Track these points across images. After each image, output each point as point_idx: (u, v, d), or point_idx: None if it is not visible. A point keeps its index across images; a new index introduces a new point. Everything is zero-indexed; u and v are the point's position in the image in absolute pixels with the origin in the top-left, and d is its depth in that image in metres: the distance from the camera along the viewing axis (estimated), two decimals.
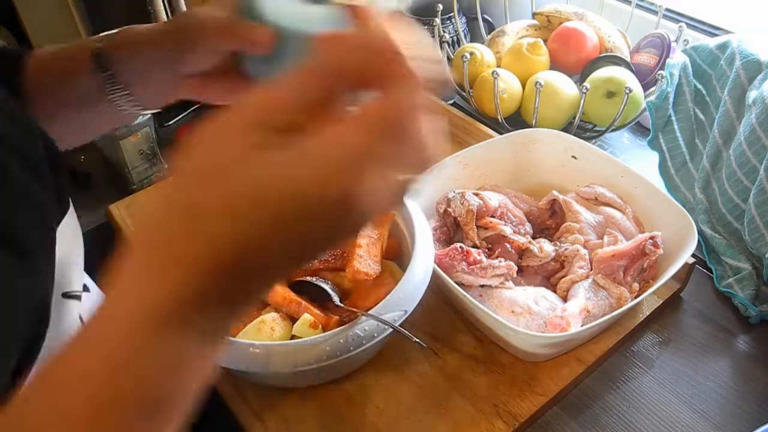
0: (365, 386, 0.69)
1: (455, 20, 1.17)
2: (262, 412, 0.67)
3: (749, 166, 0.78)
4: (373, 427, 0.65)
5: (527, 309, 0.68)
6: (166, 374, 0.28)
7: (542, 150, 0.87)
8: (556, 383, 0.68)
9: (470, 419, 0.65)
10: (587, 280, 0.72)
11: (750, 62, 0.82)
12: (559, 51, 1.04)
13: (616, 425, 0.66)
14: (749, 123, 0.77)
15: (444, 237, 0.78)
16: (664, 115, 0.89)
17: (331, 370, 0.67)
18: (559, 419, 0.67)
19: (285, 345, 0.60)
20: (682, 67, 0.88)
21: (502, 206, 0.78)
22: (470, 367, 0.70)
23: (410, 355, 0.71)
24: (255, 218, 0.27)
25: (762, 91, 0.77)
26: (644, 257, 0.71)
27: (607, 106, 0.93)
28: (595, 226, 0.78)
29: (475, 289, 0.72)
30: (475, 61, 1.02)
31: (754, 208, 0.76)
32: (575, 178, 0.86)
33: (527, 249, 0.75)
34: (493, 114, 0.99)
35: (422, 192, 0.80)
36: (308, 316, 0.64)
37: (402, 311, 0.62)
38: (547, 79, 0.95)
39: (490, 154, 0.87)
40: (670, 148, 0.91)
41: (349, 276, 0.67)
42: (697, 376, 0.70)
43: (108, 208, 0.93)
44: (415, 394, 0.68)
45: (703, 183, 0.85)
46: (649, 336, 0.75)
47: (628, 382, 0.70)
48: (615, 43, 1.03)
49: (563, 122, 0.98)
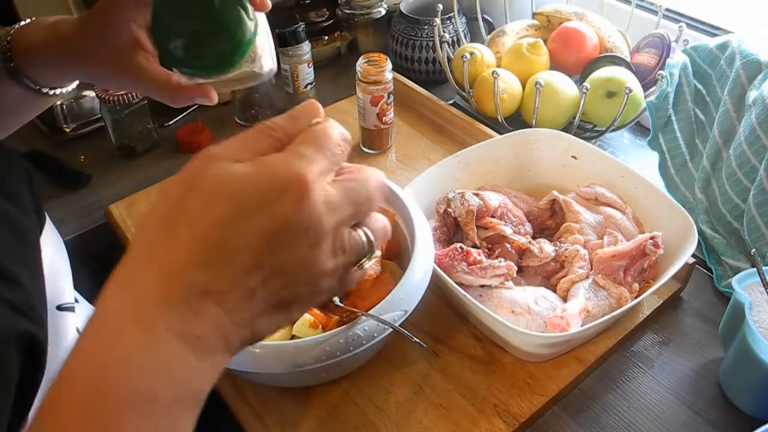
0: (365, 386, 0.69)
1: (455, 20, 1.17)
2: (262, 412, 0.67)
3: (749, 166, 0.78)
4: (373, 427, 0.65)
5: (527, 309, 0.68)
6: (145, 374, 0.30)
7: (542, 150, 0.87)
8: (556, 383, 0.68)
9: (470, 419, 0.65)
10: (587, 281, 0.72)
11: (750, 62, 0.82)
12: (559, 51, 1.04)
13: (616, 425, 0.66)
14: (749, 123, 0.77)
15: (444, 237, 0.78)
16: (664, 115, 0.89)
17: (330, 370, 0.67)
18: (559, 419, 0.67)
19: (285, 345, 0.60)
20: (682, 67, 0.88)
21: (502, 206, 0.78)
22: (470, 367, 0.70)
23: (410, 355, 0.71)
24: (216, 215, 0.32)
25: (762, 91, 0.77)
26: (644, 257, 0.71)
27: (607, 106, 0.93)
28: (595, 227, 0.78)
29: (475, 289, 0.72)
30: (475, 61, 1.02)
31: (754, 208, 0.76)
32: (575, 178, 0.86)
33: (527, 249, 0.75)
34: (493, 114, 0.99)
35: (421, 192, 0.80)
36: (308, 315, 0.64)
37: (402, 311, 0.62)
38: (547, 79, 0.95)
39: (490, 154, 0.87)
40: (670, 148, 0.91)
41: None
42: (697, 376, 0.70)
43: (108, 208, 0.93)
44: (415, 394, 0.68)
45: (703, 183, 0.85)
46: (649, 336, 0.75)
47: (628, 382, 0.70)
48: (615, 43, 1.03)
49: (563, 122, 0.98)
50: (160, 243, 0.32)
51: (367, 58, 0.96)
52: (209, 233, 0.32)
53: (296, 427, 0.66)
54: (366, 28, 1.21)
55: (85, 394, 0.29)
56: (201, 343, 0.32)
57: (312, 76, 1.10)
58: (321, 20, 1.24)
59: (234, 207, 0.32)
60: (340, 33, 1.26)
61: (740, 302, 0.63)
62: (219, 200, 0.32)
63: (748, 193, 0.78)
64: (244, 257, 0.32)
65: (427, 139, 1.05)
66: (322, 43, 1.24)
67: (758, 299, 0.64)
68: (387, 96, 0.97)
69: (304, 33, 1.05)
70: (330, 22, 1.24)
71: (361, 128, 1.01)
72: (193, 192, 0.33)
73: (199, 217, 0.32)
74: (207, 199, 0.32)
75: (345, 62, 1.28)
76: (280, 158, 0.34)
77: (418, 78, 1.19)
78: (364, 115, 0.98)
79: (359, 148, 1.03)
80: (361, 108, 0.98)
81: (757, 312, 0.64)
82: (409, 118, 1.09)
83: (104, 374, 0.29)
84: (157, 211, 0.33)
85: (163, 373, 0.30)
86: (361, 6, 1.18)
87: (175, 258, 0.31)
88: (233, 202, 0.32)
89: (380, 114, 0.98)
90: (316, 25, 1.22)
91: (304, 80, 1.09)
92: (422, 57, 1.18)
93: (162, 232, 0.32)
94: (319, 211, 0.33)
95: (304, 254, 0.34)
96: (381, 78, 0.95)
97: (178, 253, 0.32)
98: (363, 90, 0.96)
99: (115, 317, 0.31)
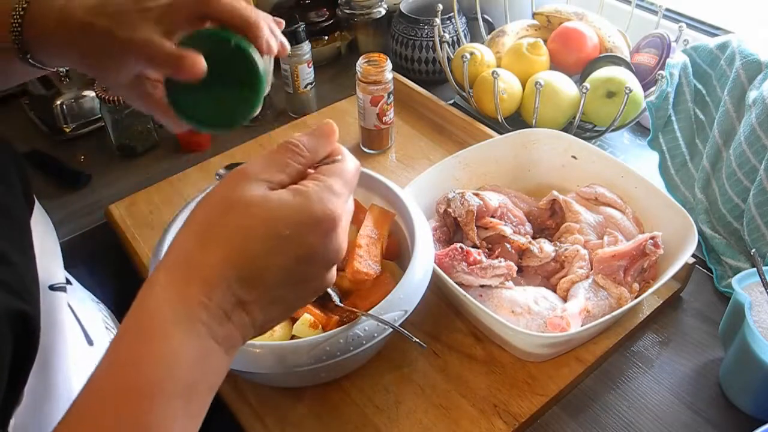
0: (365, 386, 0.69)
1: (455, 20, 1.17)
2: (262, 412, 0.67)
3: (749, 166, 0.78)
4: (373, 427, 0.65)
5: (527, 309, 0.68)
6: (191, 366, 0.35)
7: (542, 150, 0.87)
8: (556, 383, 0.68)
9: (470, 419, 0.65)
10: (587, 280, 0.72)
11: (750, 62, 0.82)
12: (559, 51, 1.04)
13: (616, 425, 0.66)
14: (749, 123, 0.77)
15: (444, 237, 0.78)
16: (664, 115, 0.89)
17: (331, 370, 0.67)
18: (559, 419, 0.67)
19: (285, 345, 0.60)
20: (682, 67, 0.88)
21: (502, 206, 0.78)
22: (470, 367, 0.70)
23: (410, 355, 0.71)
24: (253, 237, 0.37)
25: (762, 91, 0.77)
26: (644, 257, 0.71)
27: (607, 106, 0.93)
28: (595, 227, 0.78)
29: (475, 289, 0.72)
30: (475, 61, 1.02)
31: (754, 208, 0.76)
32: (575, 178, 0.86)
33: (527, 249, 0.75)
34: (493, 114, 0.99)
35: (421, 192, 0.80)
36: (308, 316, 0.64)
37: (402, 311, 0.62)
38: (547, 79, 0.95)
39: (490, 154, 0.87)
40: (670, 148, 0.91)
41: (349, 276, 0.67)
42: (697, 376, 0.70)
43: (108, 208, 0.93)
44: (414, 394, 0.68)
45: (703, 183, 0.85)
46: (649, 336, 0.75)
47: (628, 382, 0.70)
48: (615, 43, 1.03)
49: (563, 122, 0.98)
50: (200, 255, 0.37)
51: (367, 58, 0.96)
52: (246, 252, 0.37)
53: (296, 427, 0.66)
54: (366, 28, 1.21)
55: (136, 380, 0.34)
56: (229, 342, 0.37)
57: (312, 76, 1.10)
58: (321, 20, 1.24)
59: (270, 232, 0.37)
60: (340, 33, 1.26)
61: (740, 302, 0.63)
62: (257, 224, 0.37)
63: (748, 193, 0.78)
64: (274, 275, 0.38)
65: (427, 139, 1.05)
66: (322, 43, 1.24)
67: (758, 299, 0.64)
68: (387, 96, 0.97)
69: (304, 33, 1.05)
70: (330, 22, 1.24)
71: (361, 128, 1.01)
72: (234, 212, 0.37)
73: (238, 235, 0.37)
74: (246, 221, 0.37)
75: (345, 62, 1.28)
76: (316, 193, 0.38)
77: (418, 78, 1.19)
78: (364, 115, 0.98)
79: (359, 148, 1.03)
80: (361, 108, 0.98)
81: (757, 312, 0.64)
82: (409, 118, 1.09)
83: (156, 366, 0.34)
84: (198, 225, 0.38)
85: (201, 365, 0.36)
86: (361, 6, 1.18)
87: (214, 271, 0.36)
88: (270, 228, 0.37)
89: (380, 114, 0.98)
90: (316, 25, 1.22)
91: (304, 80, 1.09)
92: (422, 57, 1.18)
93: (202, 246, 0.37)
94: (341, 238, 0.40)
95: (321, 272, 0.40)
96: (381, 78, 0.95)
97: (217, 266, 0.36)
98: (363, 90, 0.96)
99: (160, 317, 0.35)
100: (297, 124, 1.09)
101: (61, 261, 0.60)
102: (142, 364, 0.34)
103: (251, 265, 0.37)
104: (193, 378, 0.36)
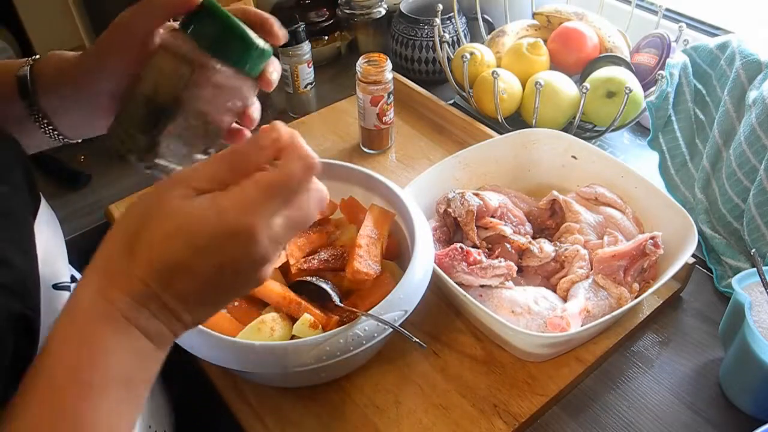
0: (365, 386, 0.69)
1: (455, 20, 1.17)
2: (262, 412, 0.67)
3: (749, 166, 0.78)
4: (373, 427, 0.65)
5: (527, 309, 0.69)
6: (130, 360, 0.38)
7: (542, 150, 0.87)
8: (556, 383, 0.68)
9: (470, 419, 0.65)
10: (587, 280, 0.72)
11: (750, 62, 0.82)
12: (559, 51, 1.04)
13: (616, 425, 0.66)
14: (749, 123, 0.77)
15: (444, 237, 0.78)
16: (664, 115, 0.89)
17: (331, 370, 0.67)
18: (559, 419, 0.67)
19: (285, 345, 0.60)
20: (682, 67, 0.88)
21: (502, 206, 0.78)
22: (470, 367, 0.70)
23: (410, 355, 0.71)
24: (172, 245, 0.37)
25: (762, 91, 0.77)
26: (644, 257, 0.71)
27: (607, 106, 0.93)
28: (595, 227, 0.78)
29: (475, 289, 0.72)
30: (475, 61, 1.02)
31: (754, 208, 0.76)
32: (575, 178, 0.86)
33: (527, 249, 0.75)
34: (493, 114, 0.99)
35: (421, 192, 0.80)
36: (308, 316, 0.64)
37: (402, 311, 0.62)
38: (547, 79, 0.95)
39: (490, 154, 0.87)
40: (670, 148, 0.91)
41: (349, 276, 0.67)
42: (697, 376, 0.70)
43: (108, 208, 0.93)
44: (414, 394, 0.68)
45: (703, 183, 0.85)
46: (649, 336, 0.75)
47: (628, 382, 0.70)
48: (615, 43, 1.03)
49: (563, 122, 0.98)
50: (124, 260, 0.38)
51: (367, 58, 0.96)
52: (168, 258, 0.37)
53: (296, 427, 0.66)
54: (366, 28, 1.21)
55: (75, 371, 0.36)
56: (160, 338, 0.40)
57: (312, 76, 1.10)
58: (321, 20, 1.24)
59: (188, 242, 0.37)
60: (340, 33, 1.26)
61: (740, 302, 0.63)
62: (175, 233, 0.37)
63: (748, 193, 0.78)
64: (198, 281, 0.39)
65: (427, 139, 1.05)
66: (322, 43, 1.24)
67: (758, 299, 0.64)
68: (387, 96, 0.97)
69: (304, 33, 1.05)
70: (330, 22, 1.24)
71: (361, 128, 1.01)
72: (156, 219, 0.38)
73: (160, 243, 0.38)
74: (166, 229, 0.38)
75: (345, 62, 1.28)
76: (234, 206, 0.38)
77: (418, 78, 1.19)
78: (364, 115, 0.98)
79: (359, 148, 1.03)
80: (361, 108, 0.98)
81: (757, 312, 0.64)
82: (409, 118, 1.09)
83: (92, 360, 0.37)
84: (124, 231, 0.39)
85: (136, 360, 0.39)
86: (361, 6, 1.18)
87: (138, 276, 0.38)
88: (188, 238, 0.37)
89: (380, 114, 0.98)
90: (316, 25, 1.22)
91: (304, 80, 1.09)
92: (422, 57, 1.18)
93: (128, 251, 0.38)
94: (264, 247, 0.39)
95: (249, 276, 0.40)
96: (381, 78, 0.95)
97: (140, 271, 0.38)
98: (363, 90, 0.96)
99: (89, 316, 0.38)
100: (297, 124, 1.09)
101: (66, 258, 0.60)
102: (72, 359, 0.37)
103: (173, 271, 0.38)
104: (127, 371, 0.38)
